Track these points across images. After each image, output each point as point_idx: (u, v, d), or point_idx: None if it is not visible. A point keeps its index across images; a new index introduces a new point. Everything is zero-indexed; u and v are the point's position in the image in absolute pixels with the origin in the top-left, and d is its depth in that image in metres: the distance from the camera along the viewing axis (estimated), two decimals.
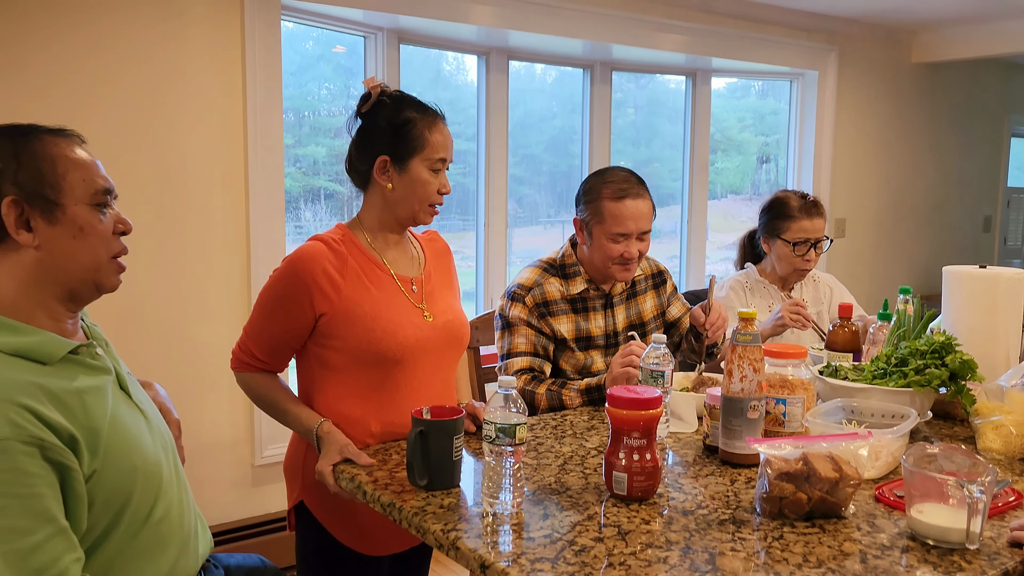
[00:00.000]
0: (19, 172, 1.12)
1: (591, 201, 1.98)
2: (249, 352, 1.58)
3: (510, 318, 1.98)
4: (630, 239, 1.95)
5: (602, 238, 1.96)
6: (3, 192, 1.11)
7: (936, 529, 1.17)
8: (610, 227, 1.94)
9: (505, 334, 1.99)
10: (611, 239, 1.95)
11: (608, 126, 3.84)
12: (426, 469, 1.35)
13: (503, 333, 2.00)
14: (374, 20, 3.01)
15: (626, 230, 1.94)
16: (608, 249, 1.95)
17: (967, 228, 5.28)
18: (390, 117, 1.57)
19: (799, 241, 2.42)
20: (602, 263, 1.99)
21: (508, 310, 1.99)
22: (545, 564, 1.11)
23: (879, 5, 3.93)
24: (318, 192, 3.31)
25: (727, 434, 1.48)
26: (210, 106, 2.59)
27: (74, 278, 1.18)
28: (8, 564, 1.02)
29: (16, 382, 1.07)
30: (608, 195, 1.95)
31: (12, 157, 1.13)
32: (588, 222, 1.99)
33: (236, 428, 2.74)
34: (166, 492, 1.24)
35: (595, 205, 1.97)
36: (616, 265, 1.97)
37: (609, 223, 1.94)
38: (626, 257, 1.96)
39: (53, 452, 1.06)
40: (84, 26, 2.36)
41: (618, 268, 1.98)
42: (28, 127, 1.18)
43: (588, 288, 2.03)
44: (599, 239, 1.97)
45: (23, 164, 1.13)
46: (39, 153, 1.15)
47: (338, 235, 1.59)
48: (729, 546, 1.17)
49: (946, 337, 1.65)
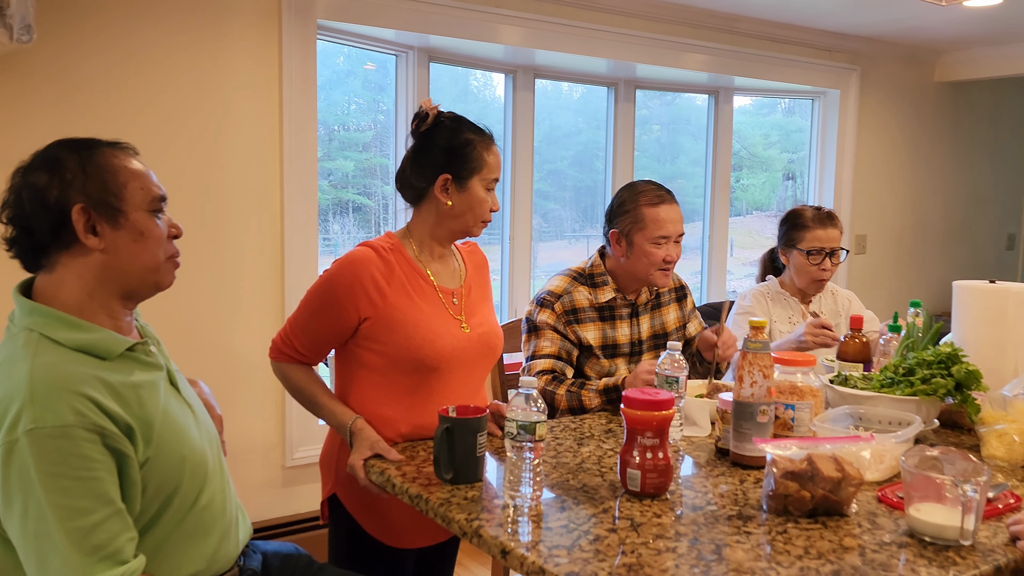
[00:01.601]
0: (86, 183, 1.23)
1: (629, 211, 2.10)
2: (290, 344, 1.67)
3: (537, 322, 2.08)
4: (669, 242, 2.08)
5: (644, 244, 2.07)
6: (73, 200, 1.22)
7: (932, 526, 1.23)
8: (651, 231, 2.06)
9: (532, 337, 2.09)
10: (653, 243, 2.06)
11: (632, 143, 3.92)
12: (451, 464, 1.44)
13: (529, 336, 2.10)
14: (406, 39, 3.14)
15: (667, 232, 2.06)
16: (651, 254, 2.07)
17: (990, 246, 5.28)
18: (450, 138, 1.66)
19: (814, 250, 2.50)
20: (644, 270, 2.09)
21: (536, 315, 2.09)
22: (561, 551, 1.19)
23: (902, 25, 3.98)
24: (346, 205, 3.42)
25: (737, 437, 1.55)
26: (248, 122, 2.71)
27: (134, 278, 1.29)
28: (71, 540, 1.12)
29: (80, 375, 1.18)
30: (645, 202, 2.08)
31: (79, 169, 1.24)
32: (628, 231, 2.10)
33: (268, 431, 2.85)
34: (210, 481, 1.34)
35: (634, 213, 2.09)
36: (658, 271, 2.09)
37: (651, 228, 2.06)
38: (667, 260, 2.08)
39: (112, 439, 1.16)
40: (131, 47, 2.49)
41: (660, 273, 2.09)
42: (89, 141, 1.29)
43: (616, 297, 2.13)
44: (641, 245, 2.08)
45: (89, 175, 1.24)
46: (102, 164, 1.26)
47: (387, 243, 1.67)
48: (735, 539, 1.24)
49: (952, 348, 1.71)
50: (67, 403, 1.13)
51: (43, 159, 1.25)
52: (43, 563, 1.12)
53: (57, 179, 1.22)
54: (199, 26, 2.59)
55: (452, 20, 3.05)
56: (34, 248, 1.24)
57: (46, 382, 1.14)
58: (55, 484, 1.11)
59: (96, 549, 1.13)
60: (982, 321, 1.94)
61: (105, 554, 1.14)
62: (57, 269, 1.25)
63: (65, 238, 1.23)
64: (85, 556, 1.12)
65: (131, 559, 1.17)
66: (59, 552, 1.11)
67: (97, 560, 1.13)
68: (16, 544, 1.15)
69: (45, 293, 1.25)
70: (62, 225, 1.22)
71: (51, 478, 1.11)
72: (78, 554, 1.12)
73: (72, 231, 1.22)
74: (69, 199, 1.22)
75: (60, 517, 1.11)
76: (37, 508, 1.11)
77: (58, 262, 1.24)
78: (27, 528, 1.12)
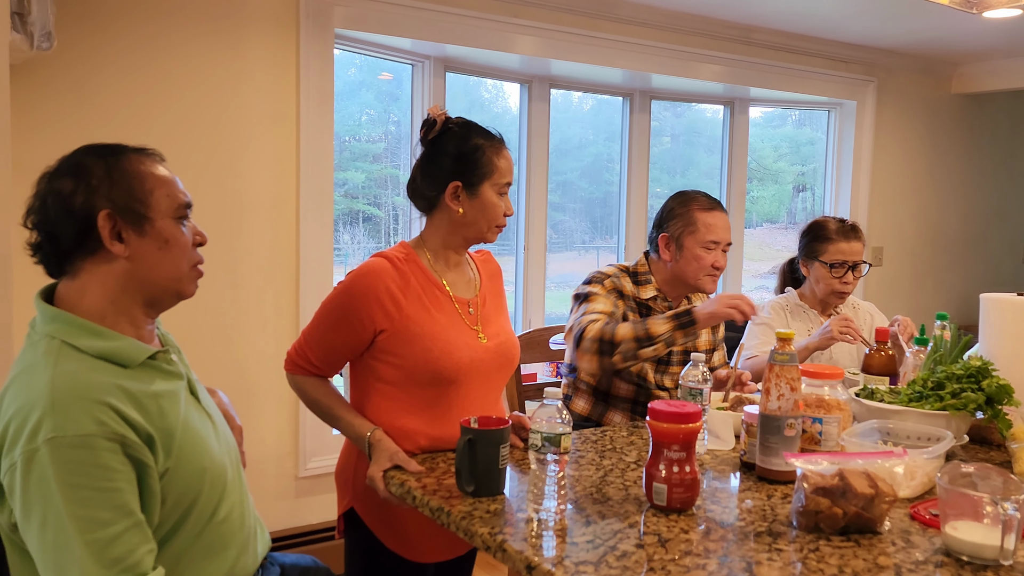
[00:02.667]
0: (112, 189, 1.22)
1: (681, 215, 2.13)
2: (305, 357, 1.65)
3: (588, 291, 2.10)
4: (719, 249, 2.11)
5: (695, 248, 2.10)
6: (98, 206, 1.21)
7: (970, 545, 1.20)
8: (704, 235, 2.10)
9: (583, 303, 2.08)
10: (704, 247, 2.10)
11: (647, 154, 3.90)
12: (473, 476, 1.41)
13: (579, 302, 2.09)
14: (422, 49, 3.13)
15: (717, 238, 2.10)
16: (701, 258, 2.10)
17: (1007, 259, 5.23)
18: (459, 145, 1.64)
19: (836, 263, 2.47)
20: (694, 274, 2.12)
21: (587, 287, 2.11)
22: (588, 567, 1.16)
23: (919, 37, 3.96)
24: (357, 215, 3.41)
25: (764, 451, 1.52)
26: (265, 130, 2.71)
27: (158, 287, 1.27)
28: (90, 552, 1.10)
29: (101, 383, 1.16)
30: (699, 207, 2.13)
31: (105, 175, 1.22)
32: (679, 235, 2.13)
33: (281, 442, 2.83)
34: (229, 493, 1.32)
35: (687, 217, 2.12)
36: (707, 276, 2.11)
37: (703, 231, 2.10)
38: (716, 266, 2.10)
39: (133, 449, 1.14)
40: (150, 55, 2.49)
41: (708, 279, 2.12)
42: (116, 147, 1.27)
43: (656, 297, 2.15)
44: (691, 249, 2.11)
45: (115, 181, 1.22)
46: (128, 171, 1.24)
47: (401, 254, 1.65)
48: (766, 556, 1.21)
49: (983, 362, 1.68)
50: (88, 412, 1.12)
51: (69, 165, 1.23)
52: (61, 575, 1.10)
53: (83, 185, 1.21)
54: (217, 34, 2.59)
55: (468, 29, 3.04)
56: (58, 255, 1.23)
57: (67, 391, 1.12)
58: (75, 495, 1.09)
59: (115, 562, 1.11)
60: (1011, 335, 1.91)
61: (124, 567, 1.12)
62: (81, 276, 1.23)
63: (90, 245, 1.21)
64: (104, 569, 1.10)
65: (150, 571, 1.14)
66: (78, 564, 1.09)
67: (116, 573, 1.11)
68: (34, 555, 1.13)
69: (67, 300, 1.23)
70: (87, 232, 1.20)
71: (71, 488, 1.09)
72: (97, 566, 1.10)
73: (97, 238, 1.21)
74: (95, 205, 1.20)
75: (79, 528, 1.09)
76: (56, 519, 1.09)
77: (82, 269, 1.23)
78: (46, 539, 1.10)
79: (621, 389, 2.18)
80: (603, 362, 1.95)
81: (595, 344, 1.95)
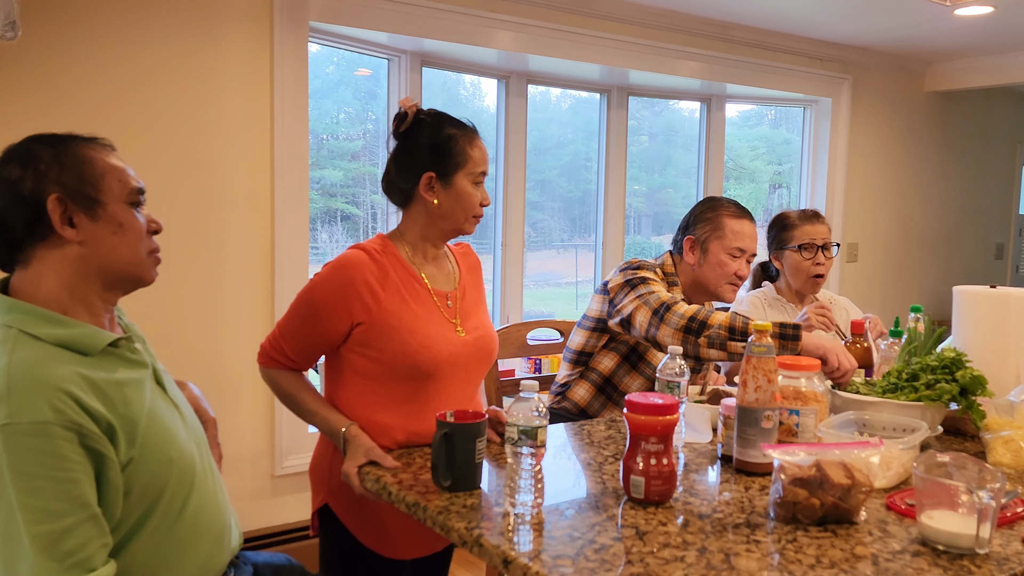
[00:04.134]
0: (61, 173, 1.19)
1: (710, 219, 2.11)
2: (280, 350, 1.62)
3: (645, 277, 2.03)
4: (744, 258, 2.09)
5: (720, 253, 2.09)
6: (48, 191, 1.18)
7: (946, 535, 1.20)
8: (730, 241, 2.08)
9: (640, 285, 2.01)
10: (730, 254, 2.08)
11: (624, 151, 3.90)
12: (450, 471, 1.39)
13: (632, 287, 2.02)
14: (399, 43, 3.10)
15: (744, 246, 2.09)
16: (725, 265, 2.08)
17: (979, 255, 5.30)
18: (432, 135, 1.62)
19: (805, 244, 2.49)
20: (715, 281, 2.09)
21: (639, 272, 2.05)
22: (566, 560, 1.15)
23: (893, 35, 4.00)
24: (335, 214, 3.38)
25: (741, 443, 1.51)
26: (239, 124, 2.67)
27: (115, 272, 1.24)
28: (39, 545, 1.06)
29: (60, 370, 1.13)
30: (728, 214, 2.11)
31: (54, 160, 1.20)
32: (705, 239, 2.11)
33: (257, 440, 2.79)
34: (199, 486, 1.29)
35: (715, 222, 2.10)
36: (728, 284, 2.09)
37: (730, 238, 2.09)
38: (739, 275, 2.08)
39: (91, 439, 1.11)
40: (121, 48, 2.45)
41: (729, 287, 2.11)
42: (65, 135, 1.25)
43: (682, 300, 2.09)
44: (716, 255, 2.09)
45: (65, 166, 1.20)
46: (78, 156, 1.22)
47: (379, 246, 1.63)
48: (744, 547, 1.20)
49: (956, 353, 1.69)
50: (45, 399, 1.09)
51: (15, 153, 1.21)
52: (10, 567, 1.07)
53: (31, 171, 1.18)
54: (190, 26, 2.55)
55: (445, 24, 3.02)
56: (8, 244, 1.20)
57: (23, 377, 1.09)
58: (28, 484, 1.06)
59: (66, 555, 1.08)
60: (983, 327, 1.93)
61: (75, 560, 1.08)
62: (33, 264, 1.20)
63: (40, 231, 1.19)
64: (54, 562, 1.07)
65: (100, 567, 1.11)
66: (27, 556, 1.06)
67: (66, 567, 1.07)
68: None
69: (22, 290, 1.21)
70: (37, 217, 1.18)
71: (24, 477, 1.06)
72: (46, 559, 1.06)
73: (48, 223, 1.18)
74: (44, 190, 1.18)
75: (30, 519, 1.06)
76: (7, 509, 1.06)
77: (34, 256, 1.20)
78: None
79: (633, 386, 2.16)
80: (687, 341, 1.89)
81: (684, 320, 1.89)
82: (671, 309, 1.93)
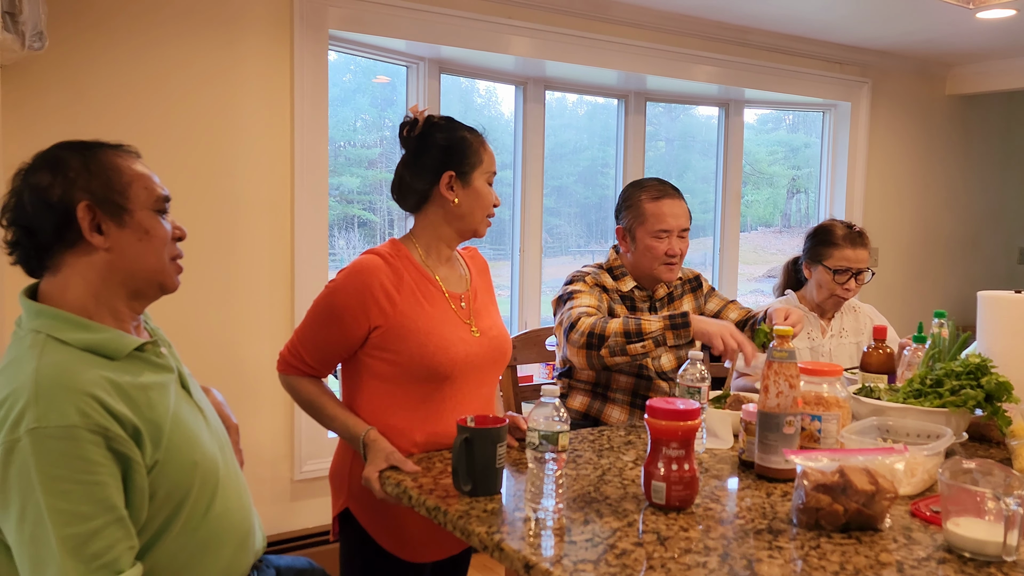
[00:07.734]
0: (90, 181, 1.21)
1: (631, 206, 2.13)
2: (299, 356, 1.64)
3: (573, 291, 2.08)
4: (671, 236, 2.09)
5: (646, 238, 2.10)
6: (77, 198, 1.20)
7: (973, 542, 1.19)
8: (652, 225, 2.09)
9: (567, 301, 2.06)
10: (654, 236, 2.08)
11: (642, 156, 3.90)
12: (470, 475, 1.39)
13: (563, 302, 2.07)
14: (417, 50, 3.12)
15: (667, 226, 2.08)
16: (653, 249, 2.09)
17: (1002, 260, 5.23)
18: (447, 137, 1.65)
19: (840, 269, 2.45)
20: (648, 265, 2.11)
21: (570, 286, 2.10)
22: (588, 565, 1.14)
23: (913, 38, 3.97)
24: (352, 220, 3.40)
25: (763, 449, 1.50)
26: (260, 130, 2.69)
27: (140, 279, 1.26)
28: (68, 547, 1.07)
29: (87, 374, 1.14)
30: (647, 198, 2.11)
31: (83, 167, 1.22)
32: (631, 227, 2.13)
33: (276, 444, 2.81)
34: (223, 489, 1.30)
35: (635, 208, 2.11)
36: (662, 265, 2.10)
37: (651, 222, 2.09)
38: (669, 254, 2.09)
39: (117, 443, 1.12)
40: (143, 56, 2.48)
41: (664, 268, 2.11)
42: (92, 143, 1.27)
43: (634, 289, 2.15)
44: (643, 240, 2.10)
45: (93, 173, 1.22)
46: (105, 163, 1.24)
47: (392, 250, 1.64)
48: (767, 554, 1.20)
49: (981, 359, 1.67)
50: (72, 403, 1.10)
51: (45, 159, 1.23)
52: (38, 569, 1.08)
53: (60, 177, 1.20)
54: (211, 35, 2.58)
55: (463, 31, 3.03)
56: (37, 250, 1.22)
57: (52, 381, 1.11)
58: (55, 487, 1.07)
59: (93, 557, 1.09)
60: (1009, 332, 1.90)
61: (102, 563, 1.09)
62: (62, 270, 1.22)
63: (69, 237, 1.20)
64: (81, 564, 1.08)
65: (127, 569, 1.12)
66: (54, 559, 1.07)
67: (93, 570, 1.09)
68: (12, 548, 1.11)
69: (51, 296, 1.22)
70: (66, 224, 1.19)
71: (52, 480, 1.07)
72: (74, 561, 1.07)
73: (77, 230, 1.20)
74: (73, 197, 1.20)
75: (58, 522, 1.07)
76: (35, 511, 1.07)
77: (62, 263, 1.22)
78: (23, 532, 1.08)
79: (620, 381, 2.16)
80: (591, 356, 1.92)
81: (584, 338, 1.92)
82: (574, 328, 1.95)
